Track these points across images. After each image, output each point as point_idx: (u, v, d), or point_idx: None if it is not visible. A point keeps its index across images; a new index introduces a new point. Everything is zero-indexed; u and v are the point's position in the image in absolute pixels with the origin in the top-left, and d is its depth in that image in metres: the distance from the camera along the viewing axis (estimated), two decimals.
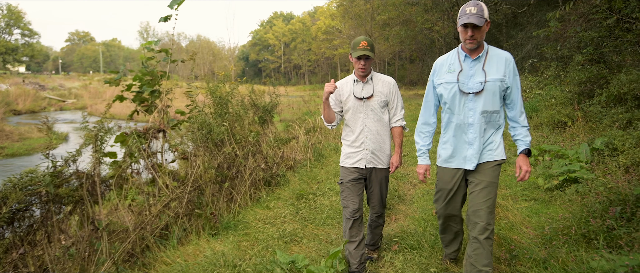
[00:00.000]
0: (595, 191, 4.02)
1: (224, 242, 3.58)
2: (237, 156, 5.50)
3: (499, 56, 2.73)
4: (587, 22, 11.59)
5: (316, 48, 68.65)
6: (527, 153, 2.74)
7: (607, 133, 6.32)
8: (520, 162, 2.71)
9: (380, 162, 3.26)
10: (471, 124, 2.73)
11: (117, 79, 5.83)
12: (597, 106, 8.21)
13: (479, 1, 2.63)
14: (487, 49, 2.75)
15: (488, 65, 2.70)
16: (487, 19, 2.61)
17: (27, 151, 16.05)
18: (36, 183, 3.51)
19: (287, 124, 10.14)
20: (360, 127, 3.23)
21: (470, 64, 2.72)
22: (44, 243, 3.32)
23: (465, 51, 2.75)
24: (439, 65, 2.88)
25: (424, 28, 32.03)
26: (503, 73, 2.69)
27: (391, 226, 4.22)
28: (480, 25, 2.59)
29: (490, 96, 2.68)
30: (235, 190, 4.95)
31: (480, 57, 2.71)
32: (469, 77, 2.71)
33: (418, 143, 3.00)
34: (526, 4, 19.02)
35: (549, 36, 12.36)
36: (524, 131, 2.78)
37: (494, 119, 2.75)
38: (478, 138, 2.73)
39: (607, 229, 3.32)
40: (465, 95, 2.70)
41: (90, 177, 4.03)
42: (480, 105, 2.69)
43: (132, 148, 4.79)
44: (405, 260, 3.28)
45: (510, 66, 2.71)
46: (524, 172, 2.67)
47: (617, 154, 5.51)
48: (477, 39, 2.65)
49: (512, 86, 2.73)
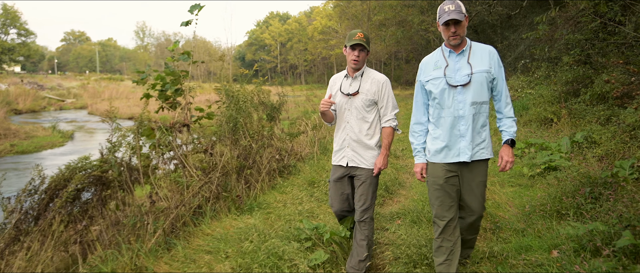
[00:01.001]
0: (570, 176, 4.65)
1: (252, 217, 4.20)
2: (252, 148, 6.10)
3: (482, 49, 2.84)
4: (575, 25, 12.28)
5: (312, 48, 69.01)
6: (510, 143, 2.81)
7: (587, 127, 6.97)
8: (503, 152, 2.80)
9: (363, 162, 3.19)
10: (462, 117, 2.77)
11: (143, 79, 6.37)
12: (581, 104, 8.85)
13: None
14: (470, 43, 2.86)
15: (473, 58, 2.79)
16: (465, 13, 2.71)
17: (36, 149, 16.53)
18: (89, 167, 4.09)
19: (292, 122, 10.75)
20: (343, 124, 3.23)
21: (456, 59, 2.82)
22: (98, 217, 3.91)
23: (449, 47, 2.83)
24: (425, 64, 2.96)
25: (420, 29, 32.62)
26: (488, 64, 2.77)
27: (393, 206, 4.84)
28: (461, 20, 2.69)
29: (478, 87, 2.75)
30: (252, 177, 5.55)
31: (464, 51, 2.81)
32: (456, 71, 2.79)
33: (413, 143, 3.04)
34: (519, 5, 19.69)
35: (538, 38, 12.99)
36: (508, 121, 2.86)
37: (483, 110, 2.82)
38: (470, 130, 2.77)
39: (576, 205, 3.94)
40: (454, 88, 2.77)
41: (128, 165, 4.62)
42: (469, 97, 2.75)
43: (162, 140, 5.39)
44: (407, 231, 3.89)
45: (494, 57, 2.81)
46: (504, 162, 2.78)
47: (595, 146, 6.15)
48: (459, 34, 2.75)
49: (498, 77, 2.82)
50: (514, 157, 2.78)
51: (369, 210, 3.15)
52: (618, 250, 2.87)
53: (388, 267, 3.31)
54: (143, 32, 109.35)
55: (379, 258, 3.52)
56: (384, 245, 3.75)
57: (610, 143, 5.87)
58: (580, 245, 3.10)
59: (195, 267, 3.23)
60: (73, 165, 4.04)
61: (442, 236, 2.86)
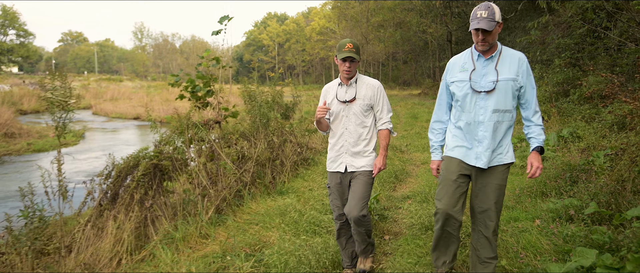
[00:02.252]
0: (554, 164, 5.45)
1: (287, 198, 5.00)
2: (274, 142, 6.88)
3: (512, 56, 2.74)
4: (566, 30, 13.12)
5: (310, 49, 69.62)
6: (539, 150, 2.76)
7: (573, 124, 7.79)
8: (532, 159, 2.72)
9: (361, 165, 3.24)
10: (481, 122, 2.74)
11: (177, 81, 7.14)
12: (570, 103, 9.68)
13: (490, 4, 2.64)
14: (501, 49, 2.77)
15: (501, 64, 2.72)
16: (498, 21, 2.63)
17: (51, 147, 17.18)
18: (149, 157, 4.86)
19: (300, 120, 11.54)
20: (341, 130, 3.26)
21: (483, 63, 2.75)
22: (158, 197, 4.68)
23: (479, 50, 2.77)
24: (452, 64, 2.91)
25: (418, 30, 33.45)
26: (516, 73, 2.70)
27: (403, 190, 5.63)
28: (491, 30, 2.61)
29: (502, 95, 2.70)
30: (277, 168, 6.33)
31: (493, 56, 2.74)
32: (482, 76, 2.74)
33: (431, 139, 3.04)
34: (514, 9, 20.53)
35: (530, 42, 13.80)
36: (537, 129, 2.80)
37: (506, 118, 2.75)
38: (489, 137, 2.73)
39: (558, 187, 4.74)
40: (477, 93, 2.74)
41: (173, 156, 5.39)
42: (492, 104, 2.71)
43: (200, 135, 6.16)
44: (417, 207, 4.68)
45: (523, 65, 2.72)
46: (535, 168, 2.69)
47: (578, 140, 6.96)
48: (488, 42, 2.68)
49: (526, 86, 2.74)
50: (542, 164, 2.74)
51: (363, 209, 3.14)
52: (586, 217, 3.67)
53: (405, 231, 4.10)
54: (141, 33, 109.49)
55: (396, 225, 4.31)
56: (400, 218, 4.55)
57: (592, 137, 6.67)
58: (557, 215, 3.91)
59: (248, 235, 4.01)
60: (135, 154, 4.81)
61: (442, 229, 2.88)
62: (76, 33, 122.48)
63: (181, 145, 5.93)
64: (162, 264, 3.39)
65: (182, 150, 5.94)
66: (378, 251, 3.74)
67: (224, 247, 3.66)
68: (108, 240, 3.75)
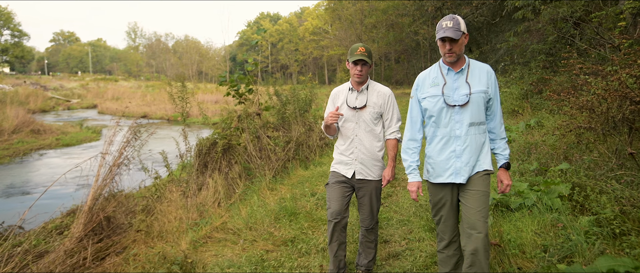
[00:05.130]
0: (519, 144, 7.28)
1: (320, 168, 6.79)
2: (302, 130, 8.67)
3: (480, 69, 2.76)
4: (541, 36, 15.05)
5: (303, 48, 70.86)
6: (506, 167, 2.80)
7: (539, 115, 9.67)
8: (501, 176, 2.79)
9: (371, 174, 3.22)
10: (458, 137, 2.72)
11: (223, 81, 8.85)
12: (540, 99, 11.57)
13: (455, 15, 2.67)
14: (469, 62, 2.78)
15: (471, 77, 2.72)
16: (464, 31, 2.65)
17: (77, 142, 18.77)
18: (223, 137, 6.63)
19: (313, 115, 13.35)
20: (351, 137, 3.21)
21: (454, 77, 2.74)
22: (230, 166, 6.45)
23: (447, 64, 2.75)
24: (422, 80, 2.88)
25: (410, 32, 35.17)
26: (486, 84, 2.71)
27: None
28: (457, 39, 2.62)
29: (476, 108, 2.70)
30: (309, 148, 8.13)
31: (463, 69, 2.73)
32: (454, 90, 2.73)
33: (406, 160, 2.94)
34: (498, 15, 22.46)
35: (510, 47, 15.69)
36: (502, 143, 2.83)
37: (482, 130, 2.76)
38: (467, 151, 2.71)
39: (518, 157, 6.57)
40: (452, 108, 2.72)
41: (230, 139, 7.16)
42: (467, 117, 2.70)
43: (247, 124, 7.93)
44: None
45: (491, 77, 2.75)
46: (505, 185, 2.77)
47: (542, 128, 8.82)
48: (455, 52, 2.67)
49: (494, 98, 2.76)
50: (511, 180, 2.83)
51: (375, 218, 3.26)
52: (531, 172, 5.51)
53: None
54: (135, 32, 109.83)
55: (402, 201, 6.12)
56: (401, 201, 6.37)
57: (552, 125, 8.53)
58: (513, 173, 5.74)
59: (304, 187, 5.78)
60: (211, 137, 6.58)
61: (447, 250, 2.90)
62: (68, 33, 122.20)
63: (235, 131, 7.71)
64: (252, 202, 5.16)
65: (237, 134, 7.73)
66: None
67: (292, 192, 5.46)
68: (210, 191, 5.52)
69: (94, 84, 57.65)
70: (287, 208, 4.84)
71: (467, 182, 2.74)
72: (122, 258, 3.89)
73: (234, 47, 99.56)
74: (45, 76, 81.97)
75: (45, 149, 17.09)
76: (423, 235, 4.12)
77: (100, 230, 4.17)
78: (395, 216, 4.77)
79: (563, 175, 4.89)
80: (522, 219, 4.15)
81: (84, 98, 45.32)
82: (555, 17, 12.80)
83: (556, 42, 13.25)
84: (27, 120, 21.68)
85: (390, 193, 5.61)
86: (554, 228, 3.92)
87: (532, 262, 3.41)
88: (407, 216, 4.74)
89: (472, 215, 2.67)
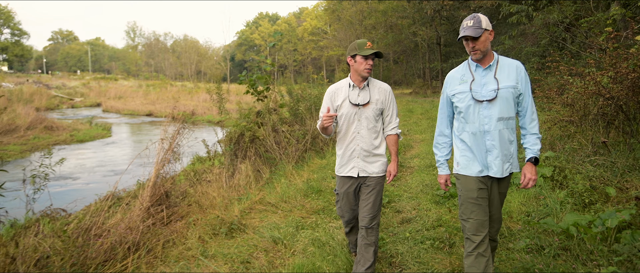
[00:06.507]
0: None
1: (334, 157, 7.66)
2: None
3: (510, 65, 2.78)
4: (535, 39, 15.99)
5: (302, 49, 71.38)
6: (534, 161, 2.77)
7: None
8: (526, 170, 2.77)
9: (374, 171, 3.21)
10: (488, 131, 2.74)
11: (243, 80, 9.67)
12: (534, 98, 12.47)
13: (477, 14, 2.71)
14: (498, 58, 2.81)
15: (500, 73, 2.74)
16: (485, 28, 2.69)
17: (91, 138, 19.55)
18: (249, 129, 7.50)
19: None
20: (353, 135, 3.19)
21: (482, 73, 2.78)
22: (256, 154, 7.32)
23: (475, 61, 2.80)
24: (451, 78, 2.93)
25: (409, 33, 35.95)
26: (515, 80, 2.72)
27: (411, 152, 8.32)
28: (477, 36, 2.66)
29: (504, 103, 2.71)
30: (320, 142, 8.99)
31: (491, 65, 2.77)
32: (482, 86, 2.76)
33: (436, 154, 3.04)
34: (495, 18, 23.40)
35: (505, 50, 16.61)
36: (532, 139, 2.81)
37: (510, 125, 2.77)
38: (497, 145, 2.73)
39: None
40: (480, 103, 2.75)
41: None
42: (495, 112, 2.72)
43: (264, 118, 8.79)
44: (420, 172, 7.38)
45: (521, 73, 2.75)
46: (527, 179, 2.75)
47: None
48: (480, 50, 2.72)
49: (524, 93, 2.76)
50: (536, 175, 2.78)
51: (377, 217, 3.20)
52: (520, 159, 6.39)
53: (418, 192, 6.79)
54: (134, 32, 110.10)
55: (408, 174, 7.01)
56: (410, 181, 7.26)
57: (541, 120, 9.43)
58: None
59: (322, 173, 6.65)
60: (239, 129, 7.44)
61: (477, 251, 2.77)
62: (67, 32, 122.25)
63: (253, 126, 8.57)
64: (281, 183, 6.02)
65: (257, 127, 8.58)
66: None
67: (313, 176, 6.33)
68: (243, 175, 6.38)
69: (95, 83, 58.03)
70: (314, 186, 5.72)
71: (500, 180, 2.80)
72: (184, 223, 4.74)
73: (233, 47, 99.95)
74: (44, 74, 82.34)
75: (61, 145, 17.85)
76: (430, 206, 4.99)
77: (161, 202, 5.01)
78: (405, 194, 5.63)
79: (547, 161, 5.77)
80: (510, 194, 5.03)
81: (86, 97, 45.75)
82: (548, 21, 13.73)
83: (549, 46, 14.16)
84: (40, 117, 22.36)
85: (399, 176, 6.47)
86: (536, 200, 4.81)
87: (517, 224, 4.28)
88: (416, 193, 5.61)
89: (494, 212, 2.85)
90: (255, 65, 9.54)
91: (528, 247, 3.60)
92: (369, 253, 3.15)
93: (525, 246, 3.61)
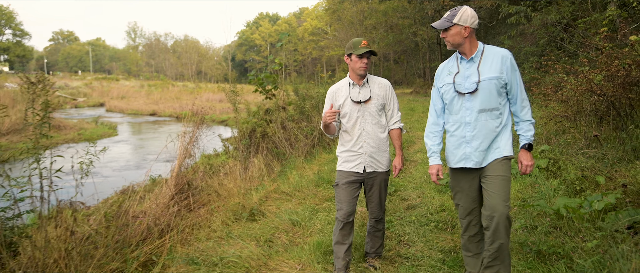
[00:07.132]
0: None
1: None
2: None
3: (495, 54, 2.77)
4: (533, 39, 16.38)
5: (302, 49, 71.64)
6: (527, 147, 2.79)
7: None
8: (521, 157, 2.80)
9: (380, 165, 3.26)
10: (468, 123, 2.78)
11: (252, 80, 10.06)
12: (531, 97, 12.86)
13: (459, 7, 2.74)
14: (483, 48, 2.80)
15: (483, 64, 2.75)
16: (457, 23, 2.70)
17: (98, 137, 19.93)
18: (260, 125, 7.90)
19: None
20: (358, 131, 3.21)
21: (466, 65, 2.80)
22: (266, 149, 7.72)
23: (460, 53, 2.82)
24: (440, 70, 2.98)
25: (410, 33, 36.29)
26: (499, 70, 2.71)
27: (414, 147, 8.70)
28: (442, 28, 2.73)
29: (486, 94, 2.72)
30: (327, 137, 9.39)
31: (474, 57, 2.78)
32: (465, 78, 2.79)
33: (427, 144, 3.05)
34: (495, 18, 23.78)
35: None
36: (525, 125, 2.82)
37: (494, 116, 2.76)
38: (478, 136, 2.76)
39: None
40: (462, 95, 2.79)
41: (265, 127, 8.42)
42: (477, 104, 2.74)
43: (273, 116, 9.19)
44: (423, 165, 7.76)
45: (506, 62, 2.74)
46: (524, 166, 2.78)
47: None
48: (448, 41, 2.78)
49: (511, 82, 2.74)
50: (533, 160, 2.81)
51: (383, 208, 3.35)
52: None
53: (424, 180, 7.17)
54: (135, 32, 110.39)
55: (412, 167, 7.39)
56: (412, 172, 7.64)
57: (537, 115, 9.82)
58: None
59: (331, 165, 7.04)
60: (251, 126, 7.83)
61: (467, 234, 2.96)
62: (67, 32, 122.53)
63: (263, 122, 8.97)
64: (293, 175, 6.41)
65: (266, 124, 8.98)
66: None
67: (322, 169, 6.73)
68: (256, 168, 6.78)
69: (97, 83, 58.27)
70: (324, 177, 6.11)
71: (487, 168, 2.77)
72: (206, 209, 5.14)
73: (233, 47, 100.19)
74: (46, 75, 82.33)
75: (69, 143, 18.21)
76: (433, 194, 5.39)
77: (183, 191, 5.41)
78: (410, 184, 6.03)
79: (543, 154, 6.16)
80: None
81: (89, 97, 45.96)
82: (546, 22, 14.12)
83: (547, 46, 14.55)
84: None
85: (403, 170, 6.87)
86: (531, 188, 5.21)
87: (513, 209, 4.68)
88: (420, 183, 6.01)
89: (492, 198, 2.69)
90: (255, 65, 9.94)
91: (523, 226, 3.99)
92: (379, 237, 3.46)
93: (520, 226, 4.01)
